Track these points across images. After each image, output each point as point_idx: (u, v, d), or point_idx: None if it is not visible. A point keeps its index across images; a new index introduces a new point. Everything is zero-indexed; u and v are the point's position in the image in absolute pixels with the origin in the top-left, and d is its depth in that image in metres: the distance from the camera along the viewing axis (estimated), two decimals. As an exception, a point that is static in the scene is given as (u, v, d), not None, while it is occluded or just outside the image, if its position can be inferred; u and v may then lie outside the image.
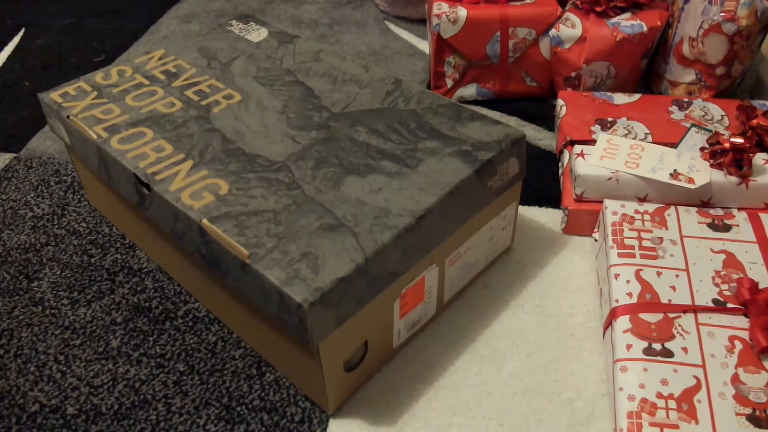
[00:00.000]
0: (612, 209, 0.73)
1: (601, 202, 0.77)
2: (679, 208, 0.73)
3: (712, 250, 0.67)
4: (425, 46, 1.21)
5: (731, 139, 0.73)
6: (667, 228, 0.70)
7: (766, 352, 0.58)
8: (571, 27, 0.95)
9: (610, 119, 0.83)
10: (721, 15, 0.86)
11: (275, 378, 0.66)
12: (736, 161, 0.73)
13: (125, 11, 1.40)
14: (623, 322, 0.61)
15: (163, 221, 0.64)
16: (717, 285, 0.64)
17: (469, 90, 1.04)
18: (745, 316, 0.61)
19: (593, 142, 0.80)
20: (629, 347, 0.59)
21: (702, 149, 0.77)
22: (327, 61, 0.80)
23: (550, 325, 0.70)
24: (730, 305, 0.62)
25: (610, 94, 0.88)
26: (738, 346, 0.58)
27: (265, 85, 0.76)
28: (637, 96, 0.88)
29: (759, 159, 0.76)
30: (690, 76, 0.94)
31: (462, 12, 0.96)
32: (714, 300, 0.62)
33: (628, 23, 0.93)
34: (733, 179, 0.73)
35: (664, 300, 0.63)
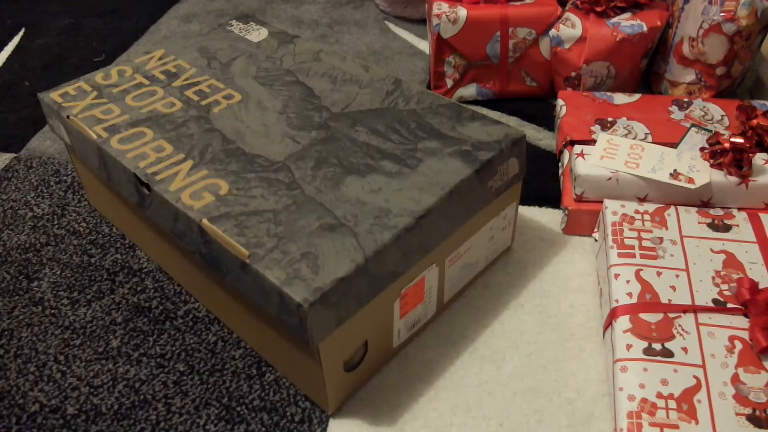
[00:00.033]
0: (612, 209, 0.73)
1: (601, 202, 0.77)
2: (679, 208, 0.73)
3: (712, 250, 0.67)
4: (425, 46, 1.21)
5: (731, 139, 0.73)
6: (667, 228, 0.70)
7: (766, 352, 0.58)
8: (571, 27, 0.95)
9: (610, 119, 0.83)
10: (721, 15, 0.86)
11: (275, 378, 0.66)
12: (736, 161, 0.73)
13: (125, 11, 1.40)
14: (623, 322, 0.61)
15: (163, 221, 0.64)
16: (717, 285, 0.64)
17: (469, 90, 1.04)
18: (745, 316, 0.61)
19: (593, 142, 0.80)
20: (629, 347, 0.59)
21: (702, 149, 0.77)
22: (327, 61, 0.80)
23: (550, 325, 0.70)
24: (730, 305, 0.62)
25: (610, 94, 0.88)
26: (738, 346, 0.58)
27: (265, 85, 0.76)
28: (637, 96, 0.88)
29: (759, 159, 0.76)
30: (690, 76, 0.94)
31: (462, 12, 0.96)
32: (714, 300, 0.62)
33: (628, 23, 0.93)
34: (733, 179, 0.73)
35: (664, 300, 0.63)
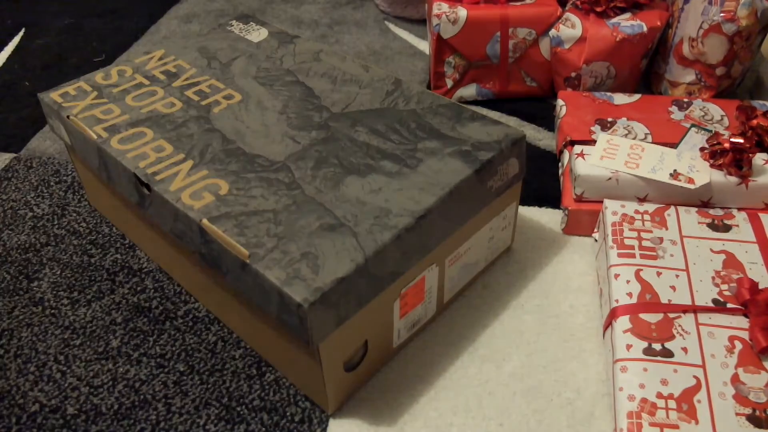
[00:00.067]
0: (612, 209, 0.73)
1: (601, 202, 0.77)
2: (679, 208, 0.73)
3: (712, 250, 0.67)
4: (425, 46, 1.21)
5: (731, 140, 0.73)
6: (667, 228, 0.70)
7: (766, 352, 0.58)
8: (571, 27, 0.95)
9: (610, 119, 0.83)
10: (721, 15, 0.86)
11: (275, 378, 0.66)
12: (736, 161, 0.73)
13: (125, 11, 1.40)
14: (623, 322, 0.61)
15: (163, 221, 0.64)
16: (717, 285, 0.64)
17: (469, 90, 1.04)
18: (745, 316, 0.61)
19: (593, 142, 0.80)
20: (629, 347, 0.59)
21: (702, 149, 0.77)
22: (327, 61, 0.80)
23: (550, 325, 0.70)
24: (730, 305, 0.62)
25: (610, 94, 0.88)
26: (738, 346, 0.58)
27: (265, 85, 0.76)
28: (637, 96, 0.88)
29: (759, 159, 0.76)
30: (690, 76, 0.94)
31: (462, 12, 0.96)
32: (714, 300, 0.62)
33: (628, 23, 0.93)
34: (733, 179, 0.73)
35: (664, 300, 0.63)
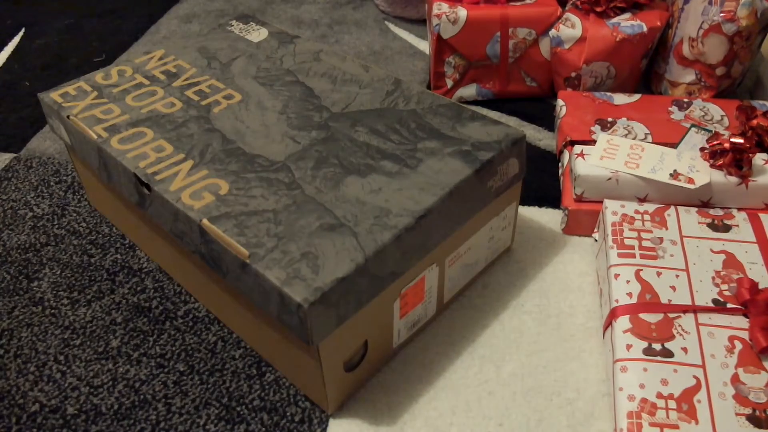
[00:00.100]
0: (612, 209, 0.73)
1: (601, 202, 0.77)
2: (679, 208, 0.73)
3: (712, 250, 0.67)
4: (425, 46, 1.21)
5: (731, 140, 0.73)
6: (667, 228, 0.70)
7: (765, 352, 0.58)
8: (571, 27, 0.95)
9: (610, 119, 0.83)
10: (721, 15, 0.86)
11: (275, 378, 0.66)
12: (736, 161, 0.73)
13: (125, 11, 1.40)
14: (623, 322, 0.61)
15: (163, 221, 0.64)
16: (717, 285, 0.64)
17: (469, 90, 1.04)
18: (745, 316, 0.61)
19: (593, 142, 0.80)
20: (629, 347, 0.59)
21: (702, 149, 0.77)
22: (327, 61, 0.80)
23: (550, 325, 0.70)
24: (730, 305, 0.62)
25: (610, 94, 0.88)
26: (738, 346, 0.58)
27: (265, 85, 0.76)
28: (637, 96, 0.88)
29: (759, 159, 0.76)
30: (690, 76, 0.94)
31: (462, 12, 0.96)
32: (714, 300, 0.62)
33: (628, 23, 0.93)
34: (733, 179, 0.73)
35: (664, 300, 0.63)
